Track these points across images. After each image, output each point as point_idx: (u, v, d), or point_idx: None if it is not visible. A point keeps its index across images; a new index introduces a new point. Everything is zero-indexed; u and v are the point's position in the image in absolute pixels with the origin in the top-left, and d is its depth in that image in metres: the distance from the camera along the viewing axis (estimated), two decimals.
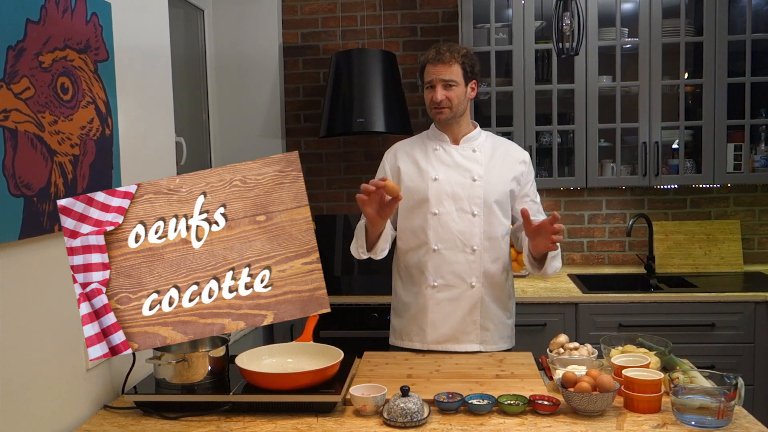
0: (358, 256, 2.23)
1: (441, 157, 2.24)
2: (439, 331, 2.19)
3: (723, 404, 1.47)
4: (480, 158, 2.23)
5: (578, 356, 1.83)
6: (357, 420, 1.59)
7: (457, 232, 2.17)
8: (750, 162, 3.27)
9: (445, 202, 2.17)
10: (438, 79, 2.14)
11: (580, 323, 2.99)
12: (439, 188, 2.19)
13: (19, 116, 1.40)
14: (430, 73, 2.16)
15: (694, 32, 3.28)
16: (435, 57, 2.15)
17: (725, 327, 2.93)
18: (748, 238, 3.56)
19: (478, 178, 2.19)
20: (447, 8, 3.66)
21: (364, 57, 3.33)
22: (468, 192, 2.18)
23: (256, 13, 3.64)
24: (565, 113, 3.36)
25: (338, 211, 3.79)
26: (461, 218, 2.18)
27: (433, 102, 2.16)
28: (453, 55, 2.14)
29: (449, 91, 2.14)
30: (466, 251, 2.18)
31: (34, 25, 1.45)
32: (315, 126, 3.74)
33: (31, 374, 1.48)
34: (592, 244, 3.66)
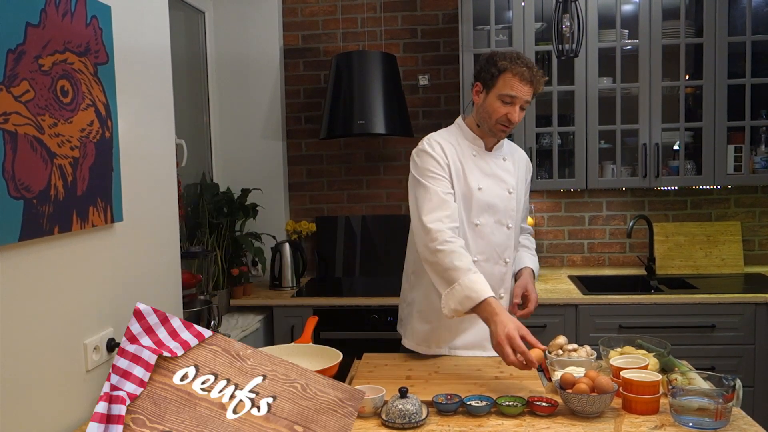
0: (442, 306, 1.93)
1: (480, 164, 2.13)
2: (468, 339, 2.16)
3: (721, 406, 1.47)
4: (511, 168, 2.19)
5: (577, 358, 1.83)
6: (356, 421, 1.59)
7: (495, 245, 2.13)
8: (750, 163, 3.27)
9: (486, 213, 2.10)
10: (523, 100, 2.01)
11: (581, 325, 2.99)
12: (482, 198, 2.10)
13: (19, 119, 1.41)
14: (516, 89, 1.99)
15: (694, 34, 3.29)
16: (528, 76, 1.99)
17: (725, 328, 2.93)
18: (748, 239, 3.56)
19: (513, 191, 2.16)
20: (447, 10, 3.66)
21: (365, 59, 3.34)
22: (505, 204, 2.14)
23: (257, 15, 3.65)
24: (565, 115, 3.36)
25: (339, 212, 3.80)
26: (499, 231, 2.14)
27: (507, 120, 2.02)
28: (541, 81, 2.03)
29: (521, 113, 2.04)
30: (499, 263, 2.16)
31: (34, 29, 1.46)
32: (315, 128, 3.75)
33: (31, 375, 1.49)
34: (593, 245, 3.66)
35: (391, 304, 3.09)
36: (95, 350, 1.70)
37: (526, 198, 2.31)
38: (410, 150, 3.87)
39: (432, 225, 1.94)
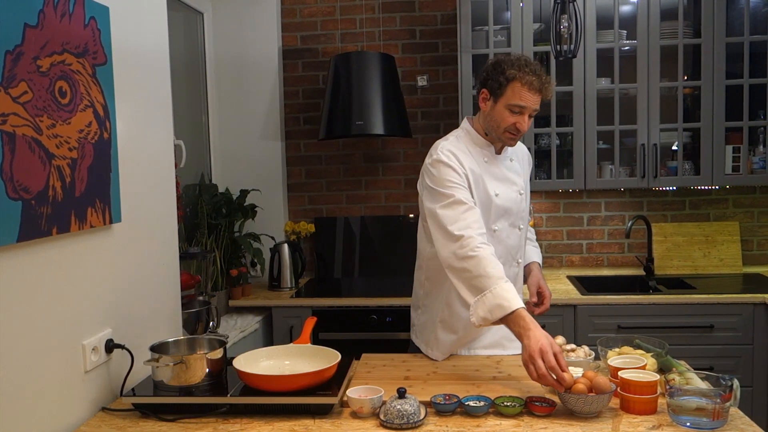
0: (468, 310, 1.88)
1: (492, 170, 2.10)
2: (488, 340, 2.16)
3: (718, 405, 1.47)
4: (518, 169, 2.18)
5: (575, 358, 1.83)
6: (354, 422, 1.60)
7: (510, 247, 2.13)
8: (748, 164, 3.27)
9: (502, 218, 2.09)
10: (532, 109, 1.99)
11: (579, 325, 2.99)
12: (499, 204, 2.08)
13: (17, 120, 1.41)
14: (525, 98, 1.96)
15: (693, 34, 3.29)
16: (538, 85, 1.96)
17: (724, 329, 2.94)
18: (747, 239, 3.56)
19: (523, 192, 2.16)
20: (446, 11, 3.67)
21: (363, 60, 3.34)
22: (517, 207, 2.13)
23: (256, 16, 3.66)
24: (563, 115, 3.36)
25: (337, 213, 3.80)
26: (512, 233, 2.14)
27: (516, 129, 2.00)
28: (549, 89, 2.01)
29: (530, 121, 2.04)
30: (513, 265, 2.16)
31: (32, 30, 1.46)
32: (314, 128, 3.75)
33: (30, 376, 1.49)
34: (591, 245, 3.67)
35: (390, 304, 3.10)
36: (94, 351, 1.71)
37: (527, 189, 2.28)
38: (409, 151, 3.86)
39: (462, 232, 1.88)
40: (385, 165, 3.77)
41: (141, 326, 1.95)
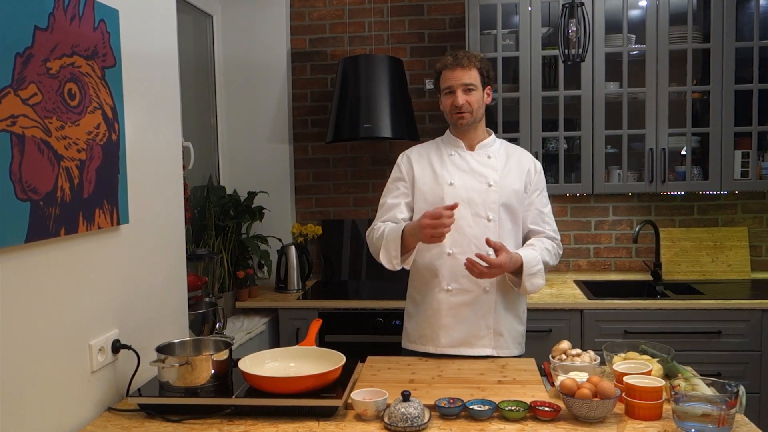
0: (393, 267, 2.19)
1: (456, 162, 2.24)
2: (453, 336, 2.19)
3: (724, 412, 1.46)
4: (495, 164, 2.23)
5: (580, 363, 1.83)
6: (358, 424, 1.60)
7: (472, 236, 2.16)
8: (757, 169, 3.25)
9: (461, 207, 2.12)
10: (458, 84, 2.16)
11: (586, 329, 2.98)
12: (454, 193, 2.18)
13: (27, 122, 1.42)
14: (448, 78, 2.18)
15: (702, 39, 3.28)
16: (453, 62, 2.16)
17: (732, 334, 2.92)
18: (755, 245, 3.54)
19: (494, 184, 2.19)
20: (454, 15, 3.67)
21: (372, 63, 3.35)
22: (483, 197, 2.18)
23: (265, 18, 3.67)
24: (571, 119, 3.36)
25: (345, 216, 3.80)
26: (476, 223, 2.17)
27: (454, 107, 2.17)
28: (471, 60, 2.17)
29: (469, 96, 2.17)
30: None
31: (42, 32, 1.47)
32: (322, 131, 3.76)
33: (37, 376, 1.50)
34: (599, 250, 3.66)
35: (397, 307, 3.09)
36: (100, 351, 1.72)
37: (538, 200, 2.27)
38: None
39: (374, 224, 2.29)
40: (392, 168, 3.75)
41: (147, 327, 1.96)
